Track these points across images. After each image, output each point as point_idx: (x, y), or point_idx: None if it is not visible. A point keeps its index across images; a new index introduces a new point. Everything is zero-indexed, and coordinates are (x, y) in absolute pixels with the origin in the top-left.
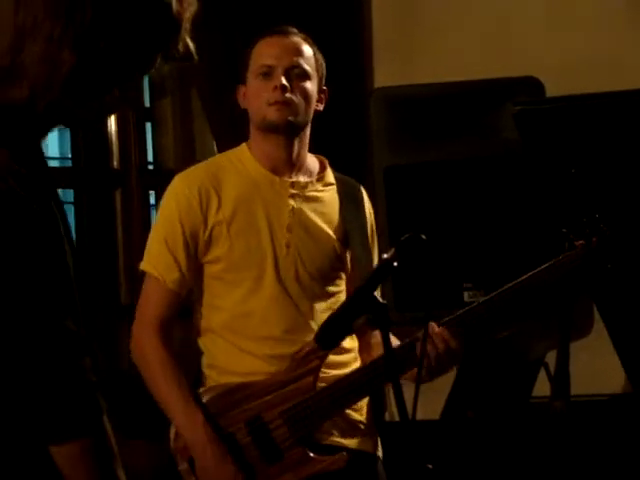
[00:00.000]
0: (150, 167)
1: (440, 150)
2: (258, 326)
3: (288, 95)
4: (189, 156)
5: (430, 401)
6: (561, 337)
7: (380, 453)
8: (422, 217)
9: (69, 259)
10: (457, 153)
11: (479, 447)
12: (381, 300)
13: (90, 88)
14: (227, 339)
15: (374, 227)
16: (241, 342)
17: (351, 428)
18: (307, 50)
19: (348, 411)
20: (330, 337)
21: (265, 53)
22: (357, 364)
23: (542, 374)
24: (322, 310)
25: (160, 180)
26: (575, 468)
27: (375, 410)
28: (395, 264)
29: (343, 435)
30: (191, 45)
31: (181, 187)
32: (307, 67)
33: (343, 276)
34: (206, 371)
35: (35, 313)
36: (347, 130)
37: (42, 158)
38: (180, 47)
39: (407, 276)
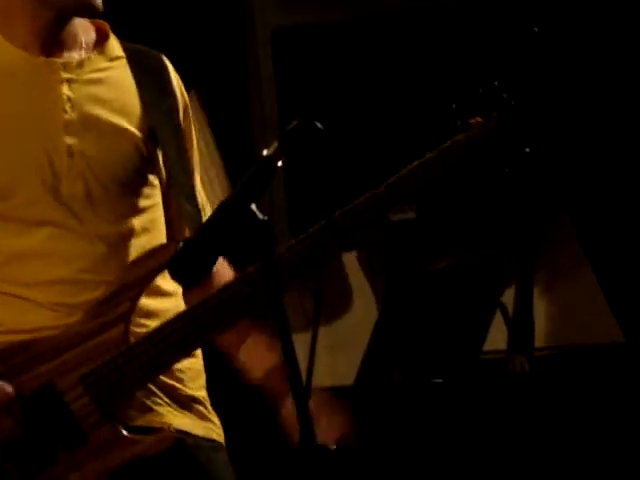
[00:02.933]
0: None
1: (345, 5)
2: (40, 269)
3: None
4: None
5: (340, 359)
6: (522, 270)
7: (222, 440)
8: (321, 95)
9: None
10: (368, 8)
11: (408, 421)
12: (261, 215)
13: None
14: (1, 290)
15: (189, 110)
16: (20, 291)
17: (178, 403)
18: None
19: (175, 383)
20: (189, 269)
21: None
22: None
23: (497, 321)
24: (134, 234)
25: None
26: (536, 441)
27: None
28: (279, 163)
29: (168, 412)
30: None
31: None
32: None
33: (156, 183)
34: None
35: None
36: None
37: None
38: None
39: (302, 183)
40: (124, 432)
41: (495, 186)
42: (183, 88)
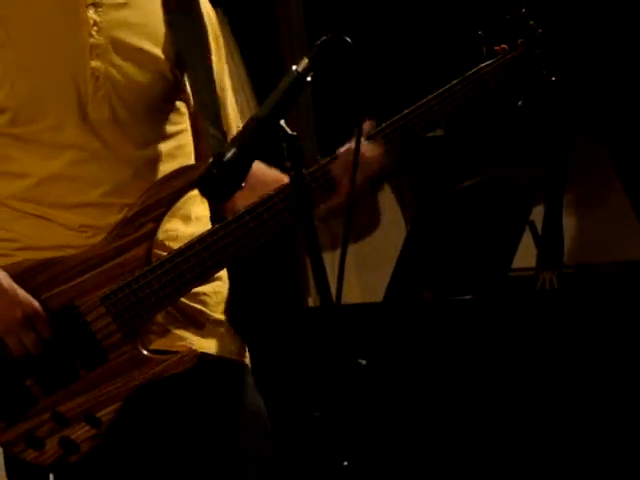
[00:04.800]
0: None
1: None
2: (66, 192)
3: None
4: None
5: (370, 277)
6: (551, 187)
7: (248, 361)
8: (348, 12)
9: None
10: None
11: (436, 338)
12: (290, 131)
13: None
14: (27, 211)
15: (219, 36)
16: (47, 212)
17: (201, 327)
18: None
19: (200, 307)
20: (220, 183)
21: None
22: None
23: (526, 237)
24: (160, 159)
25: None
26: (566, 359)
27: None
28: (309, 79)
29: (190, 335)
30: None
31: None
32: None
33: (184, 110)
34: None
35: None
36: None
37: None
38: None
39: (331, 99)
40: (144, 352)
41: (522, 108)
42: (212, 12)
